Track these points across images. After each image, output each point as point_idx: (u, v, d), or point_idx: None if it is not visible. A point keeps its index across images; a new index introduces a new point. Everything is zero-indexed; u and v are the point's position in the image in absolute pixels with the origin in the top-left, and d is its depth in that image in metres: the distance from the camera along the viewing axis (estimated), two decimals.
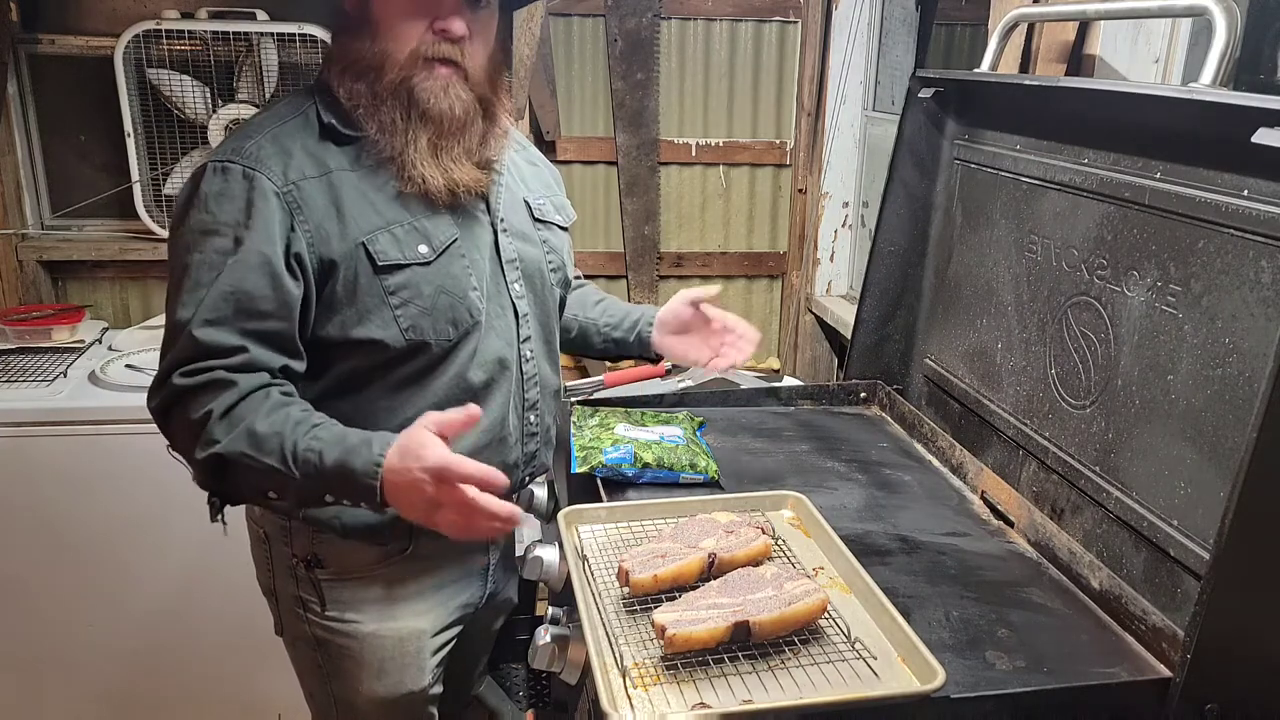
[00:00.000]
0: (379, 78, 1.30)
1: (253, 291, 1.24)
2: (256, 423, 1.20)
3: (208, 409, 1.20)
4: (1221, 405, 1.15)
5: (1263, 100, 1.03)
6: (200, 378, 1.21)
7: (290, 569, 1.44)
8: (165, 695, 2.40)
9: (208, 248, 1.24)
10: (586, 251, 3.11)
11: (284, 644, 1.55)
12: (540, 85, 2.88)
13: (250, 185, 1.26)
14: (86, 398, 2.26)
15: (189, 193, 1.28)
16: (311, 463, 1.18)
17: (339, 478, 1.18)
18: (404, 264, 1.31)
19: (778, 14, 3.02)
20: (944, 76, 1.74)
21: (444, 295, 1.34)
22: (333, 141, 1.32)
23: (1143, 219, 1.29)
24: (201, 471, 1.24)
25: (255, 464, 1.19)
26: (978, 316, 1.68)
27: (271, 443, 1.19)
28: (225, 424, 1.20)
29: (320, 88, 1.36)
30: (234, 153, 1.28)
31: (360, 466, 1.17)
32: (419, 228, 1.34)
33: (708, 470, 1.54)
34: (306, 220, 1.28)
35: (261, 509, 1.44)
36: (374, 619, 1.45)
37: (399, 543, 1.42)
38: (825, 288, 3.15)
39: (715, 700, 1.04)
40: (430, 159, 1.32)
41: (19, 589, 2.30)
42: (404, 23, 1.29)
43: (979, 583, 1.31)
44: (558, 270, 1.55)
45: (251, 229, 1.24)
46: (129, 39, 2.52)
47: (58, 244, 2.74)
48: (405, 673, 1.48)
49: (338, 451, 1.19)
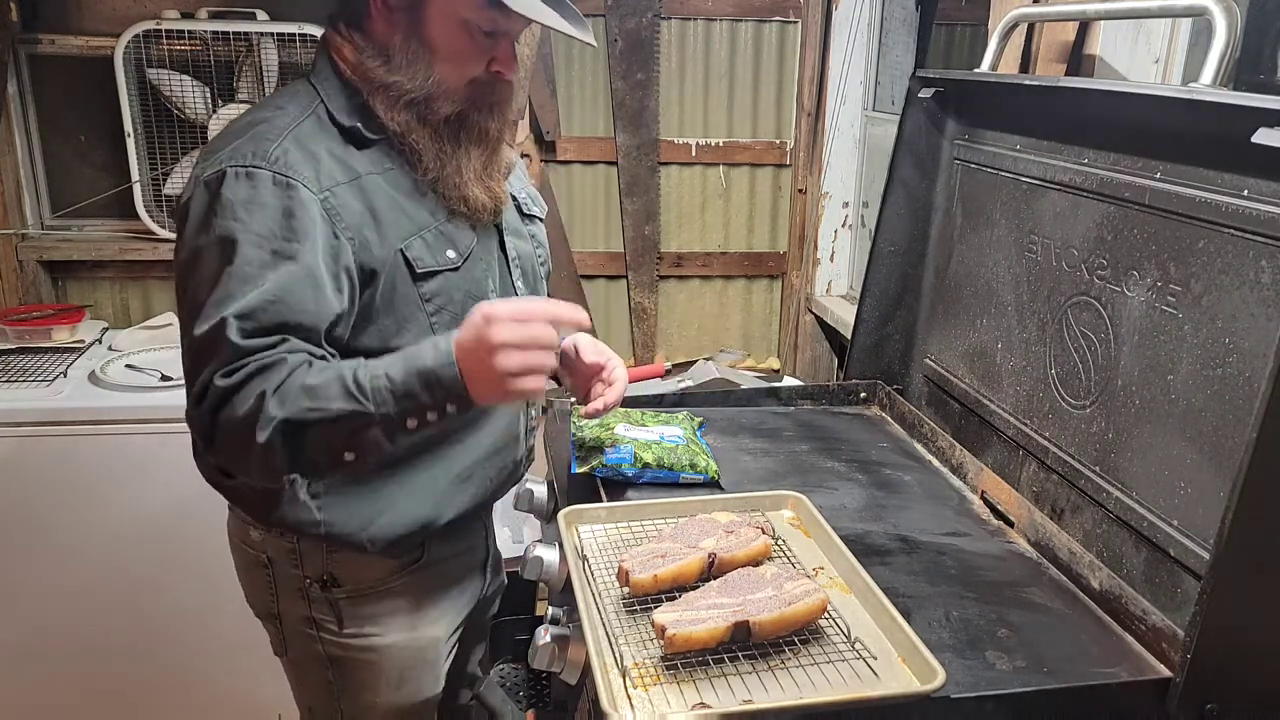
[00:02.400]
0: (430, 108, 1.28)
1: (295, 305, 1.17)
2: (307, 378, 1.14)
3: (260, 392, 1.12)
4: (1221, 405, 1.15)
5: (1263, 100, 1.03)
6: (241, 373, 1.14)
7: (300, 590, 1.41)
8: (165, 696, 2.40)
9: (239, 259, 1.16)
10: (586, 251, 3.11)
11: (284, 664, 1.53)
12: (540, 85, 2.88)
13: (287, 193, 1.19)
14: (86, 398, 2.26)
15: (208, 200, 1.20)
16: (382, 388, 1.13)
17: (422, 383, 1.14)
18: (438, 270, 1.31)
19: (778, 14, 3.02)
20: (944, 76, 1.74)
21: (470, 299, 1.32)
22: (354, 145, 1.28)
23: (1143, 219, 1.29)
24: (271, 457, 1.14)
25: (324, 414, 1.13)
26: (978, 316, 1.68)
27: (332, 388, 1.13)
28: (278, 398, 1.12)
29: (328, 86, 1.30)
30: (257, 157, 1.20)
31: (434, 361, 1.14)
32: (445, 232, 1.33)
33: (708, 470, 1.54)
34: (348, 227, 1.23)
35: (259, 533, 1.40)
36: (394, 631, 1.44)
37: (412, 554, 1.43)
38: (825, 288, 3.15)
39: (715, 700, 1.04)
40: (478, 182, 1.34)
41: (19, 589, 2.30)
42: (465, 60, 1.28)
43: (979, 583, 1.31)
44: (545, 263, 1.57)
45: (293, 241, 1.18)
46: (129, 39, 2.52)
47: (58, 244, 2.74)
48: (422, 680, 1.50)
49: (404, 364, 1.15)
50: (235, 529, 1.47)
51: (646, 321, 3.22)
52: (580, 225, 3.09)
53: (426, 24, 1.26)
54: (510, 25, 1.29)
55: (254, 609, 1.50)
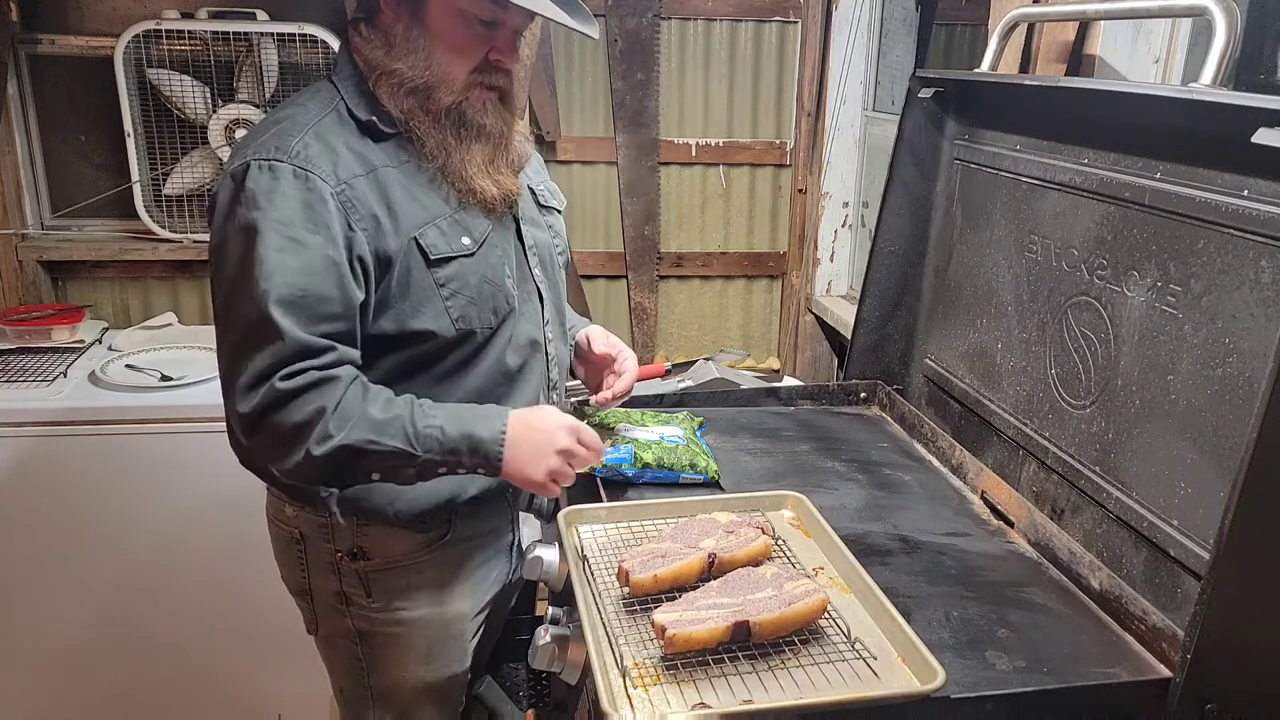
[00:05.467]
0: (431, 97, 1.34)
1: (323, 294, 1.25)
2: (373, 410, 1.26)
3: (318, 407, 1.24)
4: (1221, 405, 1.15)
5: (1263, 100, 1.03)
6: (300, 379, 1.24)
7: (331, 565, 1.46)
8: (166, 695, 2.40)
9: (263, 246, 1.24)
10: (586, 251, 3.11)
11: (316, 643, 1.58)
12: (540, 85, 2.88)
13: (306, 186, 1.26)
14: (86, 398, 2.26)
15: (232, 191, 1.27)
16: (433, 438, 1.28)
17: (469, 448, 1.30)
18: (453, 256, 1.36)
19: (778, 14, 3.02)
20: (944, 76, 1.74)
21: (487, 285, 1.39)
22: (371, 138, 1.35)
23: (1143, 219, 1.29)
24: (315, 465, 1.26)
25: (380, 449, 1.26)
26: (978, 316, 1.68)
27: (394, 426, 1.27)
28: (338, 418, 1.24)
29: (348, 84, 1.36)
30: (279, 151, 1.27)
31: (488, 434, 1.30)
32: (459, 220, 1.38)
33: (708, 470, 1.54)
34: (362, 219, 1.29)
35: (294, 510, 1.46)
36: (422, 604, 1.48)
37: (439, 529, 1.47)
38: (825, 288, 3.15)
39: (715, 700, 1.04)
40: (485, 174, 1.39)
41: (20, 588, 2.30)
42: (464, 50, 1.34)
43: (979, 583, 1.31)
44: (563, 253, 1.61)
45: (314, 231, 1.25)
46: (129, 39, 2.51)
47: (58, 244, 2.74)
48: (451, 655, 1.53)
49: (459, 425, 1.29)
50: (272, 507, 1.52)
51: (646, 321, 3.23)
52: (580, 225, 3.09)
53: (427, 13, 1.32)
54: (508, 16, 1.34)
55: (288, 585, 1.56)
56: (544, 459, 1.32)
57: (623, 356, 1.61)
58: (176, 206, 2.66)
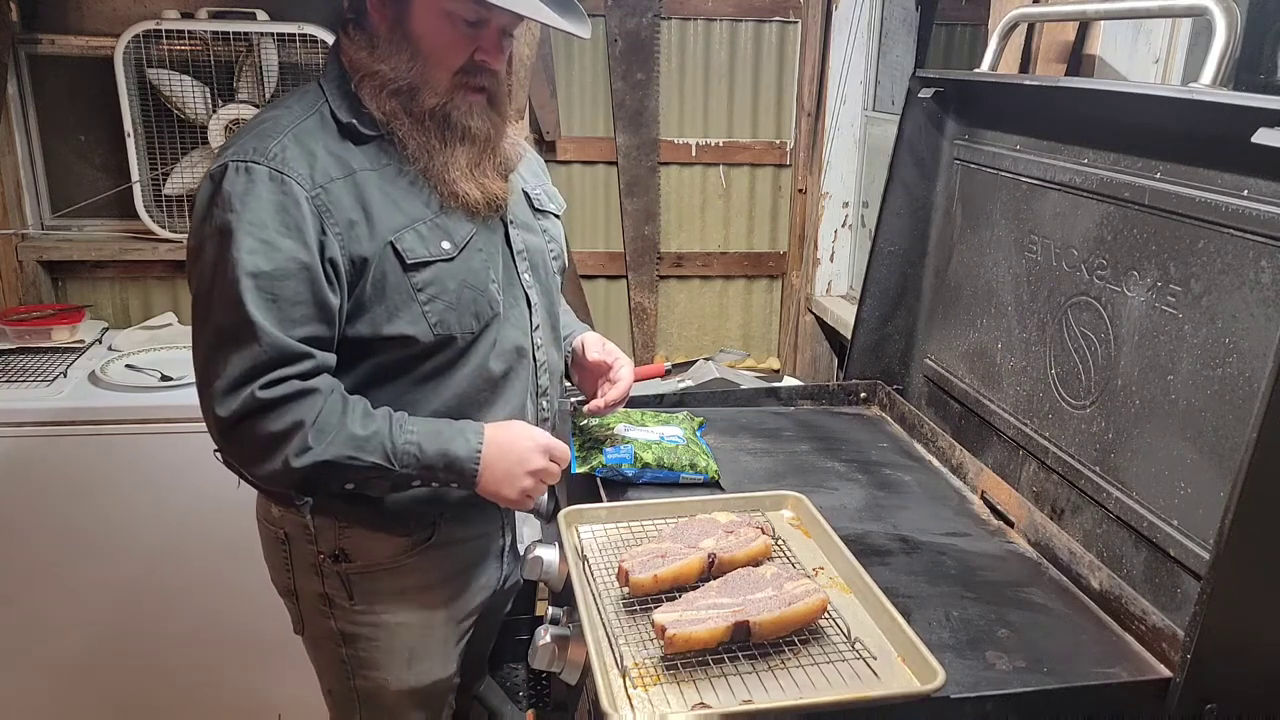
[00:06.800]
0: (415, 98, 1.33)
1: (295, 297, 1.25)
2: (353, 425, 1.27)
3: (297, 419, 1.24)
4: (1221, 405, 1.15)
5: (1263, 100, 1.03)
6: (280, 389, 1.24)
7: (314, 566, 1.45)
8: (165, 695, 2.40)
9: (235, 248, 1.23)
10: (586, 251, 3.11)
11: (304, 643, 1.57)
12: (540, 85, 2.87)
13: (281, 189, 1.25)
14: (86, 398, 2.26)
15: (210, 192, 1.27)
16: (410, 454, 1.30)
17: (444, 464, 1.32)
18: (430, 260, 1.34)
19: (778, 14, 3.02)
20: (944, 76, 1.74)
21: (467, 289, 1.37)
22: (352, 141, 1.33)
23: (1143, 219, 1.29)
24: (291, 476, 1.27)
25: (358, 463, 1.28)
26: (978, 317, 1.68)
27: (373, 442, 1.28)
28: (317, 431, 1.25)
29: (332, 86, 1.36)
30: (257, 153, 1.27)
31: (464, 453, 1.32)
32: (440, 224, 1.36)
33: (708, 470, 1.54)
34: (336, 223, 1.28)
35: (279, 510, 1.45)
36: (403, 608, 1.47)
37: (423, 532, 1.45)
38: (825, 288, 3.15)
39: (715, 700, 1.04)
40: (469, 178, 1.37)
41: (19, 589, 2.30)
42: (448, 50, 1.32)
43: (979, 583, 1.31)
44: (558, 258, 1.58)
45: (287, 235, 1.24)
46: (129, 39, 2.51)
47: (58, 244, 2.74)
48: (434, 660, 1.52)
49: (437, 442, 1.31)
50: (260, 506, 1.52)
51: (646, 321, 3.23)
52: (580, 225, 3.08)
53: (412, 14, 1.31)
54: (493, 16, 1.31)
55: (275, 586, 1.54)
56: (517, 480, 1.34)
57: (618, 364, 1.59)
58: (176, 206, 2.66)
